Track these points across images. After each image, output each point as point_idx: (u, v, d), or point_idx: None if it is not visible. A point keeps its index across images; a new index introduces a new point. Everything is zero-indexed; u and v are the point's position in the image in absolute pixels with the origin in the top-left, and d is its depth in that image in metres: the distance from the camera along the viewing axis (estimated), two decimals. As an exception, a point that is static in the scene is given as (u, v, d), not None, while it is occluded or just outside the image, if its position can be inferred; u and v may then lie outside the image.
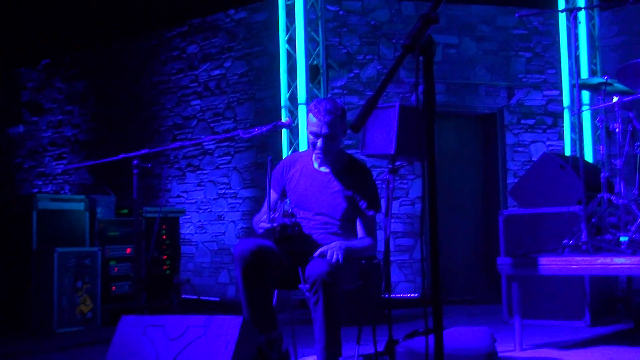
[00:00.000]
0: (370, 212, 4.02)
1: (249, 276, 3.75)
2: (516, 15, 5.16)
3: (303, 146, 7.48)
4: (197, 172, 9.51)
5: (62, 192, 10.96)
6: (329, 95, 8.03)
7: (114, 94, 10.59)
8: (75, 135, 11.19)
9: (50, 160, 11.60)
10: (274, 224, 3.83)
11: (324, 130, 3.93)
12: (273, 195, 4.19)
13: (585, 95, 8.19)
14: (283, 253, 3.95)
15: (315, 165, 4.12)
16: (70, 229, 6.96)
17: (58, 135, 11.45)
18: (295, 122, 7.70)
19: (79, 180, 10.99)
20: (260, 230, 3.90)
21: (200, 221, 9.40)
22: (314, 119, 3.96)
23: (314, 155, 4.13)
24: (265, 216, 3.87)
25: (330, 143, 3.96)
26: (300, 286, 3.95)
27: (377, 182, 4.23)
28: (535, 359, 4.52)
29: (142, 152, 3.99)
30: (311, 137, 3.99)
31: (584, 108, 7.91)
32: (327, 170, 4.10)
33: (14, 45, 11.07)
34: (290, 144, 7.76)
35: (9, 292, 6.84)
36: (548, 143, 8.80)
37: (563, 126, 8.61)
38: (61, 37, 10.69)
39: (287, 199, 4.17)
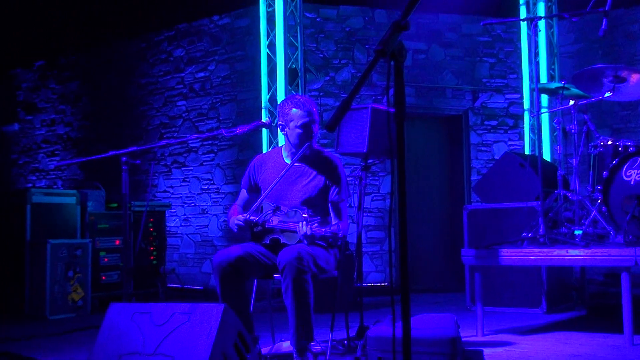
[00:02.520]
0: (340, 199, 4.03)
1: (227, 286, 3.78)
2: (481, 23, 5.18)
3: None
4: (183, 169, 9.47)
5: (54, 187, 10.86)
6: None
7: (105, 94, 10.51)
8: (68, 133, 11.09)
9: (43, 156, 11.49)
10: (242, 222, 3.95)
11: (316, 116, 4.04)
12: (243, 193, 4.24)
13: (544, 98, 8.25)
14: (262, 250, 3.97)
15: (287, 161, 4.13)
16: (62, 222, 6.91)
17: (51, 133, 11.35)
18: (275, 122, 7.68)
19: (70, 176, 10.90)
20: (235, 229, 3.99)
21: (185, 215, 9.36)
22: (300, 111, 4.01)
23: (284, 151, 4.17)
24: (243, 215, 3.99)
25: (316, 130, 4.05)
26: (275, 275, 3.97)
27: (350, 179, 4.26)
28: (496, 343, 4.55)
29: (131, 149, 3.96)
30: (297, 130, 4.01)
31: (542, 110, 7.96)
32: (299, 163, 4.10)
33: (10, 47, 10.96)
34: (270, 142, 7.75)
35: (4, 281, 6.77)
36: (509, 143, 8.86)
37: (523, 127, 8.66)
38: (55, 39, 10.59)
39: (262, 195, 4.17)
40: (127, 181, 3.94)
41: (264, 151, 7.62)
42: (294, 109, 4.04)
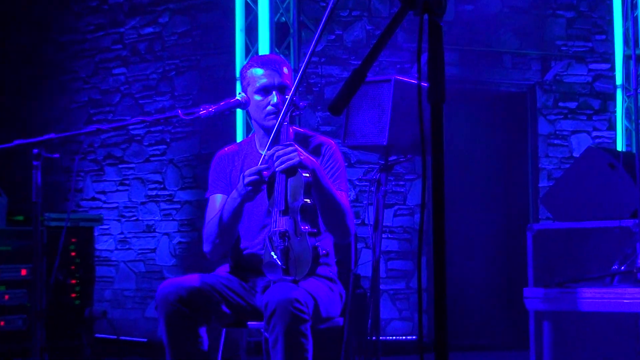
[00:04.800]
0: (339, 190, 4.03)
1: (176, 333, 3.81)
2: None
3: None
4: (120, 166, 9.47)
5: None
6: (301, 64, 8.02)
7: (6, 57, 10.50)
8: (-47, 113, 11.12)
9: None
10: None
11: (277, 79, 4.03)
12: (217, 198, 4.20)
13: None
14: (233, 285, 3.97)
15: (261, 150, 4.13)
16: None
17: None
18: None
19: (-43, 175, 10.92)
20: (216, 241, 3.98)
21: (122, 233, 9.36)
22: (259, 71, 4.05)
23: (256, 139, 4.18)
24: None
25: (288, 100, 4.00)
26: (250, 323, 3.97)
27: (364, 183, 4.28)
28: None
29: (46, 137, 3.96)
30: (258, 97, 4.03)
31: (643, 88, 7.96)
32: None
33: None
34: (248, 129, 7.75)
35: None
36: (594, 134, 8.87)
37: (614, 111, 8.67)
38: None
39: None
40: (39, 184, 3.94)
41: (239, 141, 7.62)
42: (253, 69, 4.07)
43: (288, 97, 3.88)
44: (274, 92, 4.02)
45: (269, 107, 4.01)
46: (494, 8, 8.76)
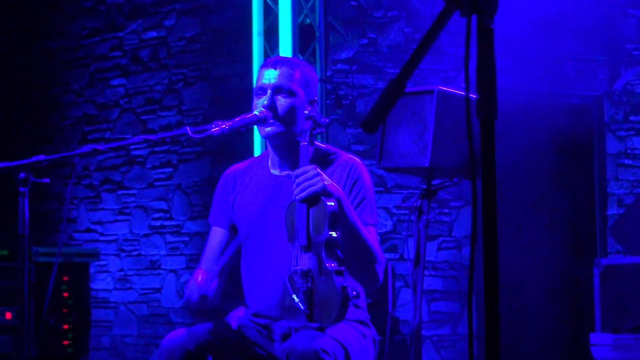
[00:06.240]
0: (365, 223, 3.99)
1: None
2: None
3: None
4: (119, 192, 9.51)
5: None
6: (329, 73, 8.04)
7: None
8: None
9: None
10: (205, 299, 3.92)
11: (273, 79, 3.98)
12: (218, 233, 4.19)
13: None
14: (248, 328, 3.97)
15: (274, 170, 4.11)
16: None
17: None
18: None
19: None
20: (195, 296, 3.97)
21: (122, 270, 9.39)
22: (262, 70, 4.06)
23: (269, 156, 4.15)
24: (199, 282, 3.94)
25: (286, 107, 3.96)
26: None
27: (403, 211, 4.26)
28: None
29: (34, 159, 3.99)
30: (255, 99, 4.02)
31: None
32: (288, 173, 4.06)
33: None
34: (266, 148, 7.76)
35: None
36: (672, 153, 8.84)
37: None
38: None
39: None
40: (26, 213, 3.96)
41: (255, 156, 7.63)
42: (261, 71, 4.07)
43: (307, 111, 3.87)
44: (268, 93, 3.97)
45: (256, 111, 3.96)
46: (553, 7, 8.75)
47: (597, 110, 8.82)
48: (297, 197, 3.74)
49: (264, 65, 4.08)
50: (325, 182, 3.69)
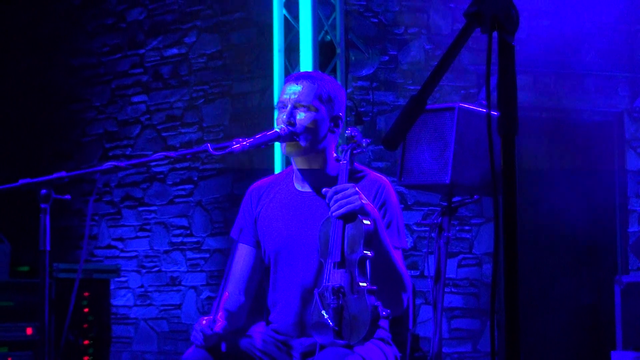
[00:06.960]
0: (394, 246, 3.97)
1: None
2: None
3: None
4: (140, 209, 9.52)
5: None
6: (349, 90, 8.05)
7: (9, 83, 10.61)
8: (-50, 148, 11.26)
9: None
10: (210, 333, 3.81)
11: (293, 94, 3.96)
12: (244, 250, 4.16)
13: None
14: (268, 344, 3.96)
15: (298, 186, 4.10)
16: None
17: None
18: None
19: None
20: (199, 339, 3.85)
21: (142, 286, 9.39)
22: (285, 85, 4.05)
23: (294, 172, 4.11)
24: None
25: (305, 122, 3.94)
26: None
27: (423, 228, 4.25)
28: None
29: (55, 175, 4.00)
30: (278, 115, 4.00)
31: None
32: (314, 190, 4.04)
33: None
34: (287, 165, 7.76)
35: None
36: (694, 170, 8.81)
37: None
38: None
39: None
40: (47, 229, 3.96)
41: (279, 171, 7.63)
42: (284, 86, 4.07)
43: (348, 131, 3.87)
44: (288, 107, 3.96)
45: (277, 127, 3.93)
46: (574, 23, 8.73)
47: (618, 127, 8.80)
48: (334, 214, 3.72)
49: (287, 80, 4.07)
50: (364, 201, 3.68)
